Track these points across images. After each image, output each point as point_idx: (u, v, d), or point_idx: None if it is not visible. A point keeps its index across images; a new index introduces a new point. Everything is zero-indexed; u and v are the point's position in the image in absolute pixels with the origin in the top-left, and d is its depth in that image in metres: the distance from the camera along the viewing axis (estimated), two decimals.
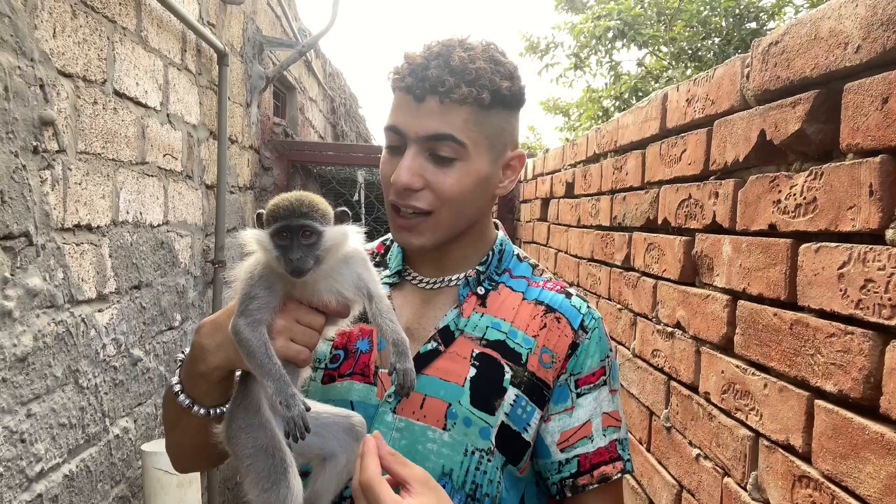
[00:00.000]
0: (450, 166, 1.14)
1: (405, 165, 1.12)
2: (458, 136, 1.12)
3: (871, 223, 1.07)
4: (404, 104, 1.15)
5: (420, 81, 1.12)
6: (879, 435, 1.02)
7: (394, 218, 1.19)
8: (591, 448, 1.16)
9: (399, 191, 1.13)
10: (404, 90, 1.14)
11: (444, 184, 1.13)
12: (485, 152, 1.17)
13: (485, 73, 1.13)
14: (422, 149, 1.13)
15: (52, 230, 1.95)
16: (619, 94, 10.04)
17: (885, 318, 1.02)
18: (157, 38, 2.76)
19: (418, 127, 1.12)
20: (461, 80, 1.11)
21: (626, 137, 2.38)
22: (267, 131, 4.81)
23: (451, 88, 1.11)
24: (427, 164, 1.14)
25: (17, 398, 1.81)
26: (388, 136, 1.18)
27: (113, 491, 2.45)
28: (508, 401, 1.13)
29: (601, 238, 2.66)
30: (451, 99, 1.11)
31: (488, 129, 1.16)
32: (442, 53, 1.14)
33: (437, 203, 1.14)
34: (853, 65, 1.13)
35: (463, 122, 1.13)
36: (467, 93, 1.11)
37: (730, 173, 1.60)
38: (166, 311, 2.97)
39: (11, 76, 1.72)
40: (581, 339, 1.19)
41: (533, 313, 1.20)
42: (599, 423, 1.17)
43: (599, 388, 1.19)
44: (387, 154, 1.20)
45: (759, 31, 9.42)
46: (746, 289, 1.46)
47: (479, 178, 1.17)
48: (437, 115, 1.12)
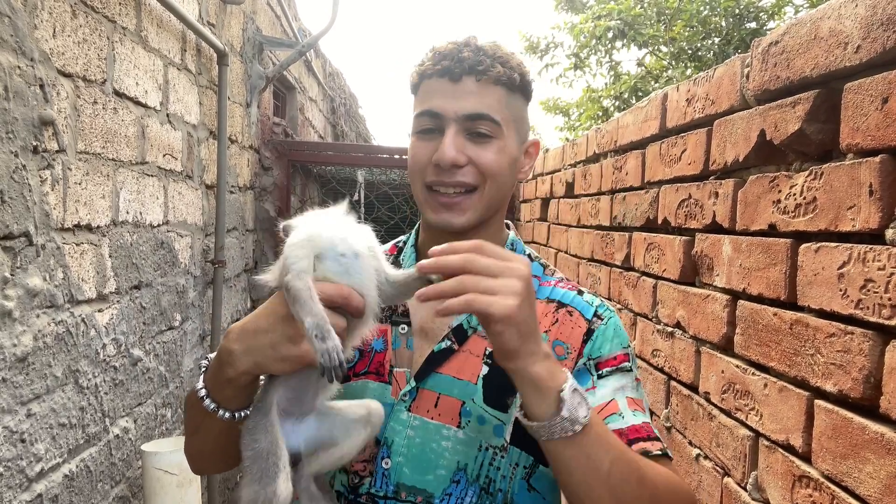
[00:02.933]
0: (488, 143, 1.19)
1: (448, 143, 1.16)
2: (494, 116, 1.18)
3: (870, 223, 1.07)
4: (439, 88, 1.19)
5: (457, 63, 1.17)
6: (879, 435, 1.02)
7: (433, 198, 1.20)
8: (624, 424, 1.08)
9: (444, 169, 1.17)
10: (440, 73, 1.19)
11: (486, 159, 1.18)
12: (514, 134, 1.23)
13: (512, 58, 1.21)
14: (461, 128, 1.18)
15: (51, 230, 1.95)
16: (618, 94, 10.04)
17: (885, 317, 1.02)
18: (156, 37, 2.75)
19: (457, 107, 1.17)
20: (495, 60, 1.18)
21: (625, 137, 2.38)
22: (267, 131, 4.81)
23: (487, 67, 1.17)
24: (467, 142, 1.18)
25: (17, 398, 1.81)
26: (421, 122, 1.21)
27: (113, 491, 2.45)
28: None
29: (601, 238, 2.66)
30: (488, 77, 1.17)
31: (514, 111, 1.22)
32: (469, 42, 1.21)
33: (480, 178, 1.19)
34: (853, 65, 1.13)
35: (496, 101, 1.19)
36: (502, 72, 1.18)
37: (730, 173, 1.60)
38: (166, 311, 2.97)
39: (11, 76, 1.72)
40: (596, 325, 1.18)
41: (545, 311, 1.20)
42: (626, 405, 1.10)
43: (624, 372, 1.14)
44: (417, 140, 1.23)
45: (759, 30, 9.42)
46: (746, 289, 1.46)
47: (512, 157, 1.22)
48: (474, 95, 1.17)
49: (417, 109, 1.22)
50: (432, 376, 1.15)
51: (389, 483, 1.13)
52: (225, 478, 4.09)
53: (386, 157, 5.13)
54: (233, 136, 4.00)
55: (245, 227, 4.42)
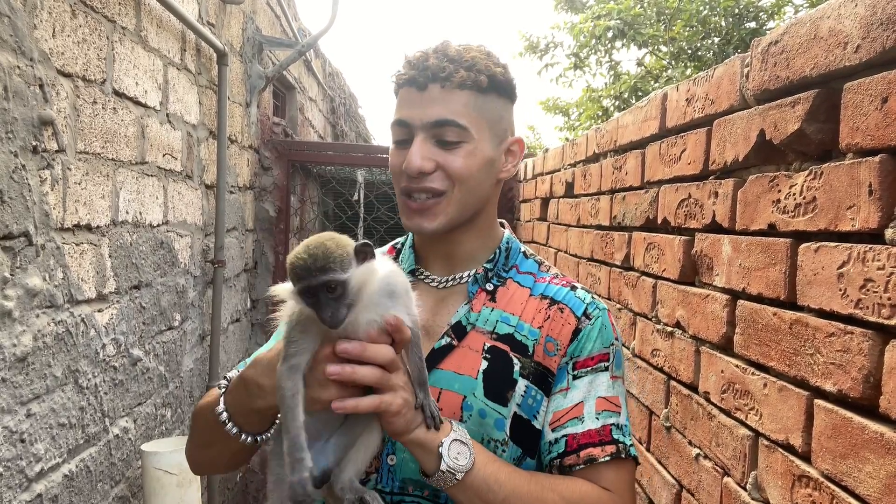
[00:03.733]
0: (456, 148, 1.20)
1: (415, 151, 1.19)
2: (459, 121, 1.19)
3: (870, 223, 1.07)
4: (408, 97, 1.22)
5: (421, 72, 1.20)
6: (879, 434, 1.02)
7: (406, 205, 1.24)
8: (581, 429, 1.16)
9: (412, 176, 1.19)
10: (408, 83, 1.22)
11: (455, 164, 1.20)
12: (487, 136, 1.23)
13: (480, 60, 1.22)
14: (428, 135, 1.20)
15: (51, 230, 1.95)
16: (618, 93, 10.04)
17: (884, 317, 1.02)
18: (156, 37, 2.75)
19: (423, 115, 1.19)
20: (459, 65, 1.20)
21: (625, 137, 2.38)
22: (266, 131, 4.81)
23: (450, 74, 1.19)
24: (435, 148, 1.20)
25: (17, 398, 1.81)
26: (395, 132, 1.25)
27: (113, 491, 2.45)
28: (519, 392, 1.17)
29: (601, 238, 2.66)
30: (451, 82, 1.19)
31: (487, 113, 1.23)
32: (439, 48, 1.23)
33: (448, 183, 1.21)
34: (853, 64, 1.13)
35: (463, 106, 1.20)
36: (466, 76, 1.19)
37: (729, 173, 1.60)
38: (166, 311, 2.97)
39: (11, 76, 1.72)
40: (584, 325, 1.21)
41: (538, 307, 1.24)
42: (593, 407, 1.17)
43: (598, 372, 1.20)
44: (394, 148, 1.26)
45: (759, 30, 9.42)
46: (746, 288, 1.46)
47: (485, 159, 1.23)
48: (439, 102, 1.19)
49: (392, 118, 1.26)
50: (433, 372, 1.17)
51: (395, 479, 1.16)
52: (225, 478, 4.09)
53: (386, 157, 5.12)
54: (232, 135, 4.00)
55: (245, 227, 4.42)
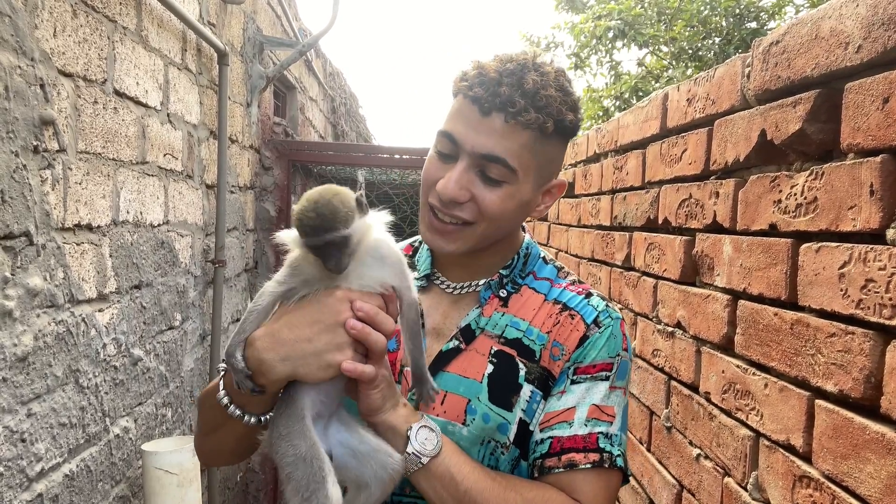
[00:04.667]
0: (497, 187, 1.14)
1: (454, 178, 1.12)
2: (511, 163, 1.12)
3: (871, 223, 1.07)
4: (467, 114, 1.13)
5: (491, 96, 1.11)
6: (880, 435, 1.02)
7: (429, 219, 1.19)
8: (567, 433, 1.13)
9: (445, 201, 1.14)
10: (471, 100, 1.13)
11: (488, 200, 1.14)
12: (532, 179, 1.17)
13: (554, 101, 1.12)
14: (473, 164, 1.13)
15: (52, 230, 1.95)
16: (619, 93, 10.04)
17: (885, 317, 1.02)
18: (157, 37, 2.75)
19: (476, 142, 1.12)
20: (531, 104, 1.11)
21: (626, 137, 2.38)
22: (267, 131, 4.81)
23: (520, 111, 1.10)
24: (476, 179, 1.14)
25: (18, 398, 1.81)
26: (441, 142, 1.17)
27: (113, 491, 2.45)
28: (524, 397, 1.16)
29: (601, 238, 2.65)
30: (518, 121, 1.10)
31: (542, 157, 1.16)
32: (515, 72, 1.12)
33: (478, 216, 1.15)
34: (854, 64, 1.13)
35: (520, 146, 1.12)
36: (534, 118, 1.11)
37: (730, 173, 1.59)
38: (166, 310, 2.97)
39: (12, 76, 1.72)
40: (592, 333, 1.19)
41: (550, 311, 1.22)
42: (585, 413, 1.14)
43: (598, 380, 1.17)
44: (434, 157, 1.19)
45: (760, 30, 9.41)
46: (747, 289, 1.46)
47: (522, 202, 1.18)
48: (497, 135, 1.11)
49: (443, 126, 1.17)
50: (440, 375, 1.17)
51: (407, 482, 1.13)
52: (225, 477, 4.09)
53: (386, 157, 5.13)
54: (233, 135, 4.00)
55: (245, 227, 4.42)
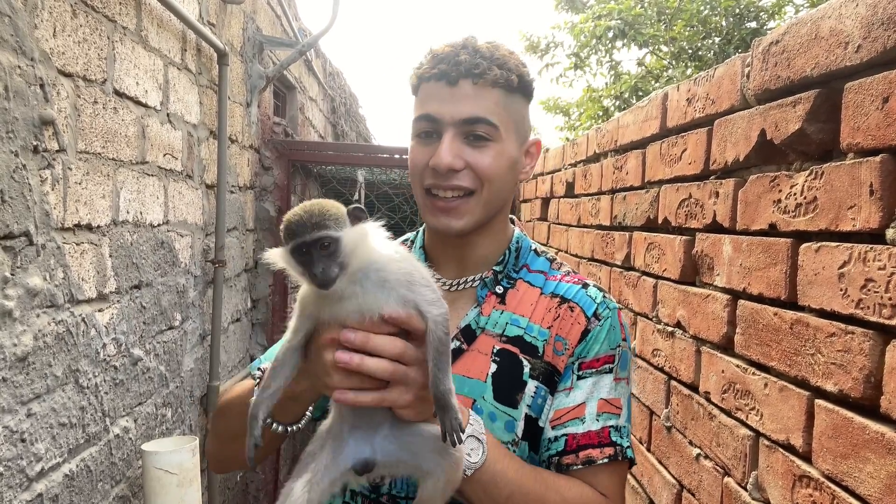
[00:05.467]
0: (486, 147, 1.19)
1: (445, 147, 1.17)
2: (491, 119, 1.18)
3: (871, 223, 1.07)
4: (437, 91, 1.19)
5: (454, 66, 1.18)
6: (880, 434, 1.02)
7: (431, 202, 1.22)
8: (581, 430, 1.16)
9: (441, 173, 1.18)
10: (437, 77, 1.19)
11: (483, 163, 1.19)
12: (513, 135, 1.23)
13: (510, 59, 1.21)
14: (459, 132, 1.18)
15: (52, 230, 1.95)
16: (619, 93, 10.03)
17: (885, 317, 1.02)
18: (157, 37, 2.75)
19: (454, 111, 1.17)
20: (492, 62, 1.18)
21: (626, 137, 2.38)
22: (267, 131, 4.81)
23: (484, 71, 1.17)
24: (464, 146, 1.19)
25: (18, 398, 1.81)
26: (420, 125, 1.22)
27: (113, 491, 2.45)
28: (529, 393, 1.17)
29: (601, 238, 2.65)
30: (485, 80, 1.17)
31: (513, 114, 1.23)
32: (468, 44, 1.21)
33: (477, 182, 1.20)
34: (853, 64, 1.13)
35: (494, 104, 1.19)
36: (499, 75, 1.18)
37: (730, 173, 1.59)
38: (166, 310, 2.97)
39: (11, 76, 1.72)
40: (593, 326, 1.21)
41: (548, 306, 1.23)
42: (595, 408, 1.17)
43: (602, 374, 1.19)
44: (417, 143, 1.23)
45: (760, 30, 9.41)
46: (747, 288, 1.46)
47: (510, 159, 1.23)
48: (471, 99, 1.17)
49: (416, 113, 1.23)
50: None
51: (410, 483, 1.16)
52: (225, 478, 4.09)
53: (386, 157, 5.13)
54: (233, 135, 4.00)
55: (245, 227, 4.42)
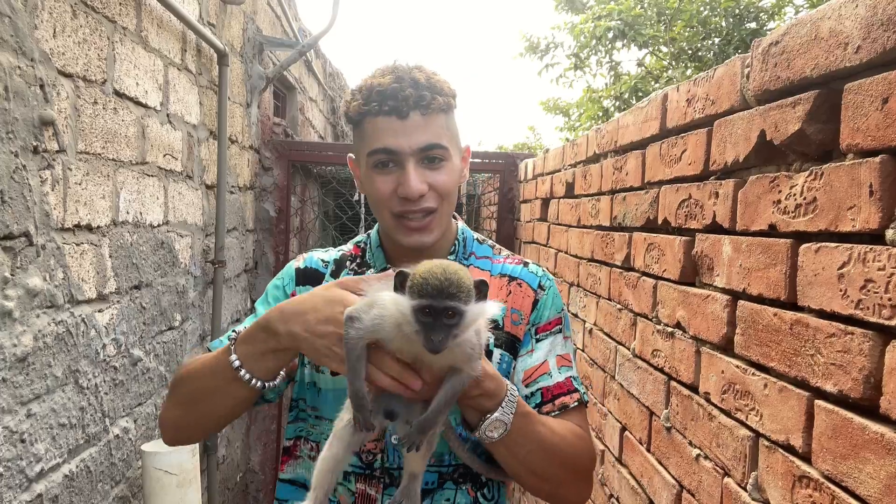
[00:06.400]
0: (441, 167, 1.36)
1: (413, 177, 1.31)
2: (442, 143, 1.34)
3: (871, 223, 1.07)
4: (389, 126, 1.31)
5: (403, 102, 1.30)
6: (879, 435, 1.02)
7: (403, 224, 1.36)
8: (551, 382, 1.40)
9: (413, 199, 1.32)
10: (387, 113, 1.31)
11: (441, 182, 1.35)
12: (456, 149, 1.41)
13: (443, 84, 1.36)
14: (418, 159, 1.33)
15: (52, 230, 1.95)
16: (619, 94, 10.04)
17: (885, 318, 1.02)
18: (157, 38, 2.75)
19: (411, 142, 1.31)
20: (433, 92, 1.32)
21: (626, 137, 2.38)
22: (267, 131, 4.81)
23: (429, 102, 1.31)
24: (424, 170, 1.34)
25: (17, 398, 1.81)
26: (377, 158, 1.34)
27: (113, 491, 2.45)
28: (496, 360, 1.38)
29: (601, 238, 2.66)
30: (431, 109, 1.31)
31: (453, 129, 1.40)
32: (404, 77, 1.32)
33: (439, 199, 1.36)
34: (853, 65, 1.13)
35: (440, 128, 1.34)
36: (441, 102, 1.33)
37: (730, 173, 1.60)
38: (166, 311, 2.97)
39: (11, 76, 1.72)
40: (540, 296, 1.44)
41: (499, 285, 1.44)
42: (555, 363, 1.42)
43: (555, 334, 1.44)
44: (377, 173, 1.36)
45: (759, 31, 9.42)
46: (746, 289, 1.46)
47: (457, 171, 1.41)
48: (422, 128, 1.32)
49: (371, 146, 1.33)
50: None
51: (400, 456, 1.31)
52: (225, 478, 4.09)
53: None
54: (233, 136, 4.00)
55: (245, 228, 4.42)
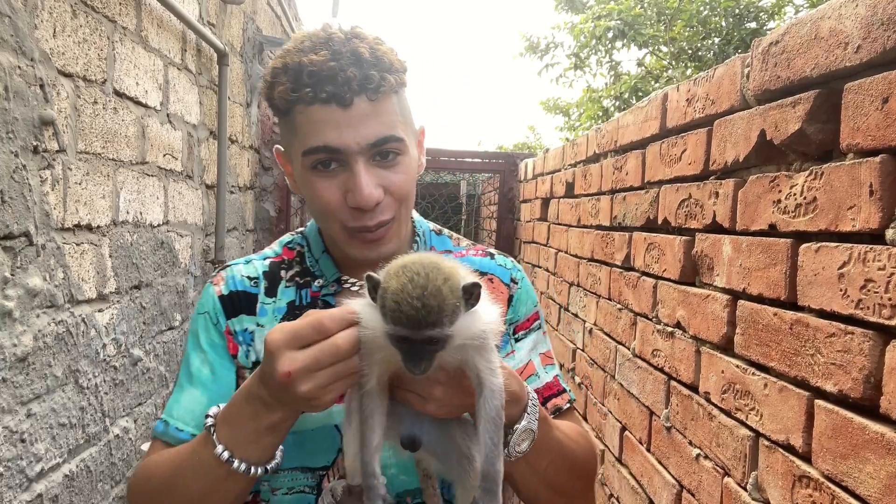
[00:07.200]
0: (397, 163, 1.08)
1: (364, 181, 1.03)
2: (398, 134, 1.06)
3: (871, 223, 1.07)
4: (328, 117, 1.02)
5: (344, 86, 1.01)
6: (879, 435, 1.02)
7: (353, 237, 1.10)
8: (540, 384, 1.22)
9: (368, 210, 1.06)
10: (323, 101, 1.01)
11: (398, 183, 1.08)
12: (411, 135, 1.13)
13: (391, 55, 1.06)
14: (369, 157, 1.05)
15: (52, 230, 1.95)
16: (619, 94, 10.04)
17: (885, 317, 1.02)
18: (157, 37, 2.75)
19: (358, 137, 1.03)
20: (382, 70, 1.03)
21: (626, 137, 2.38)
22: (267, 131, 4.81)
23: (378, 84, 1.02)
24: (377, 169, 1.06)
25: (17, 398, 1.80)
26: (316, 158, 1.05)
27: (113, 491, 2.45)
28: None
29: (601, 238, 2.66)
30: (381, 93, 1.03)
31: (405, 112, 1.11)
32: (343, 51, 1.02)
33: (396, 205, 1.10)
34: (853, 64, 1.13)
35: (394, 114, 1.06)
36: (393, 81, 1.05)
37: (730, 173, 1.60)
38: (166, 311, 2.97)
39: (11, 76, 1.72)
40: (514, 291, 1.25)
41: None
42: (539, 362, 1.24)
43: (534, 331, 1.26)
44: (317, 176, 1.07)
45: (759, 30, 9.42)
46: (746, 289, 1.46)
47: (415, 162, 1.14)
48: (371, 118, 1.03)
49: (306, 144, 1.05)
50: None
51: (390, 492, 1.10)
52: None
53: None
54: (233, 136, 4.00)
55: (245, 227, 4.42)
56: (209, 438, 0.98)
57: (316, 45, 1.03)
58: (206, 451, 0.97)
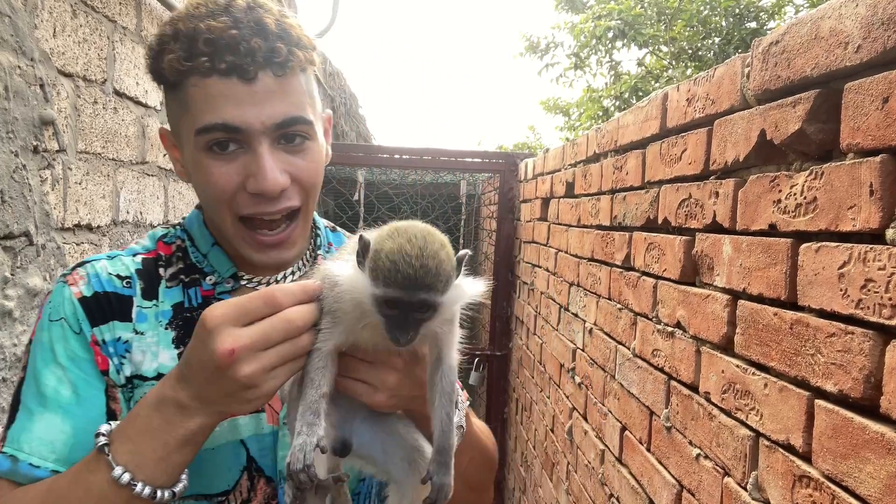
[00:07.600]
0: (304, 148, 0.98)
1: (268, 165, 0.92)
2: (306, 116, 0.96)
3: (871, 223, 1.07)
4: (227, 91, 0.90)
5: (247, 57, 0.89)
6: (880, 435, 1.02)
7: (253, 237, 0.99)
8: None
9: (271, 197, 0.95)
10: (224, 74, 0.90)
11: (306, 170, 0.98)
12: (318, 123, 1.03)
13: (298, 30, 0.96)
14: (273, 140, 0.94)
15: (52, 230, 1.95)
16: (619, 93, 10.04)
17: (885, 317, 1.02)
18: None
19: (262, 115, 0.91)
20: (290, 44, 0.93)
21: (626, 137, 2.38)
22: None
23: (286, 58, 0.92)
24: (281, 153, 0.96)
25: None
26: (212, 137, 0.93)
27: None
28: None
29: (601, 238, 2.65)
30: (288, 69, 0.93)
31: (312, 94, 1.01)
32: (245, 19, 0.91)
33: (303, 195, 0.99)
34: (853, 64, 1.13)
35: (302, 94, 0.96)
36: (302, 58, 0.95)
37: (730, 173, 1.59)
38: None
39: (11, 76, 1.72)
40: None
41: None
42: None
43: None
44: (212, 158, 0.94)
45: (760, 30, 9.42)
46: (746, 288, 1.46)
47: (322, 150, 1.03)
48: (277, 96, 0.92)
49: (201, 121, 0.92)
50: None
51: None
52: None
53: (386, 157, 5.12)
54: None
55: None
56: (101, 460, 0.83)
57: (214, 11, 0.91)
58: (97, 476, 0.83)
